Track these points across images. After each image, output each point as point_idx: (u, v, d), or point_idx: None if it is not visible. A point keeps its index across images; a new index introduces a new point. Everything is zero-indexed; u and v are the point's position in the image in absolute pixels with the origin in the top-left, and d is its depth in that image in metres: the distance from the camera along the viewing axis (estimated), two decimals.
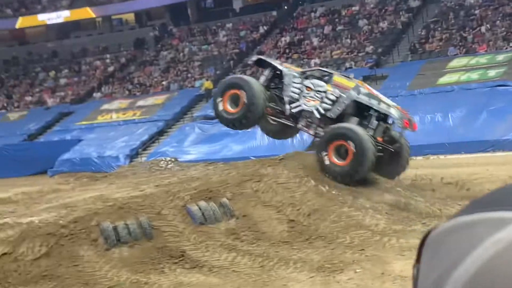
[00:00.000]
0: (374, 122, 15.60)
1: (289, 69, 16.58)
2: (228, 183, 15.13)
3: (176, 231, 13.40)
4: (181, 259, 12.64)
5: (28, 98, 41.30)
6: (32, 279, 12.42)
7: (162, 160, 21.87)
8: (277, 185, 15.11)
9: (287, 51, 36.75)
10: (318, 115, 15.99)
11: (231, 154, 26.24)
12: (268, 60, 17.33)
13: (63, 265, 12.53)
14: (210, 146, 28.12)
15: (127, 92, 38.47)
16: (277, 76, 16.63)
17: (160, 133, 32.27)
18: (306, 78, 16.23)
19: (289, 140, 20.08)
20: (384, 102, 15.84)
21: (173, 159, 21.84)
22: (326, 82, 16.09)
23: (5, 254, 13.01)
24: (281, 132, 17.59)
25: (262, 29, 40.77)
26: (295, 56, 35.81)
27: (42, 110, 38.64)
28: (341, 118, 15.81)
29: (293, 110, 16.12)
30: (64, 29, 48.05)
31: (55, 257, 12.72)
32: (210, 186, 15.00)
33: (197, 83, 36.27)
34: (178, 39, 42.97)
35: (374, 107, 15.63)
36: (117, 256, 12.72)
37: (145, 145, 31.05)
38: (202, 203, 14.09)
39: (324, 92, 15.88)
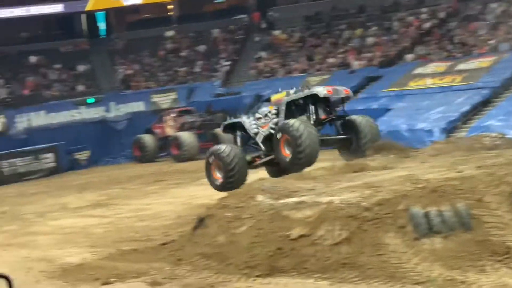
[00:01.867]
0: (311, 108, 20.91)
1: (243, 118, 21.91)
2: None
3: (501, 222, 13.06)
4: (506, 256, 12.33)
5: (331, 60, 42.79)
6: (330, 266, 12.99)
7: (486, 136, 21.40)
8: None
9: None
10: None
11: None
12: (230, 122, 22.48)
13: (365, 253, 12.90)
14: None
15: (445, 54, 38.08)
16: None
17: (485, 103, 31.54)
18: (255, 111, 21.90)
19: None
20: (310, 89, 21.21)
21: (500, 135, 21.26)
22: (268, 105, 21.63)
23: (302, 236, 13.76)
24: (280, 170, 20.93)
25: None
26: None
27: (346, 73, 39.77)
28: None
29: (259, 141, 21.23)
30: None
31: (357, 244, 13.14)
32: None
33: None
34: None
35: (299, 97, 20.97)
36: (428, 248, 12.76)
37: (466, 118, 30.59)
38: None
39: (269, 112, 21.26)
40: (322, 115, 21.07)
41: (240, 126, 21.91)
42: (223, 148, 21.14)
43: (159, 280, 14.07)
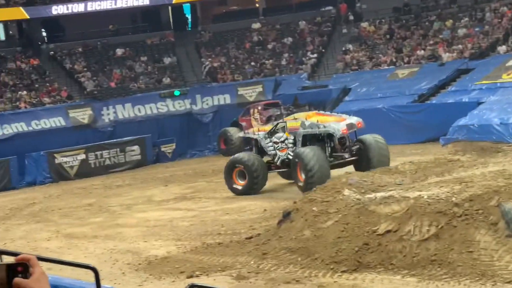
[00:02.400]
0: (326, 142, 24.19)
1: (259, 135, 25.57)
2: None
3: None
4: None
5: (420, 52, 42.28)
6: (418, 263, 12.92)
7: None
8: None
9: None
10: (291, 157, 24.19)
11: None
12: (247, 136, 27.25)
13: (454, 250, 12.78)
14: None
15: None
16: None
17: None
18: (272, 134, 25.05)
19: None
20: (324, 123, 24.07)
21: None
22: (284, 131, 24.86)
23: (389, 231, 13.70)
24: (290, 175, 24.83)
25: None
26: None
27: (435, 66, 39.25)
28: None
29: (278, 162, 24.95)
30: None
31: (446, 240, 13.02)
32: None
33: None
34: None
35: (314, 133, 24.33)
36: None
37: None
38: None
39: (286, 139, 24.70)
40: (338, 149, 24.35)
41: (255, 141, 25.86)
42: (246, 157, 24.97)
43: (244, 274, 14.20)
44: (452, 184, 15.07)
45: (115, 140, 37.76)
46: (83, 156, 35.63)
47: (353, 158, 24.13)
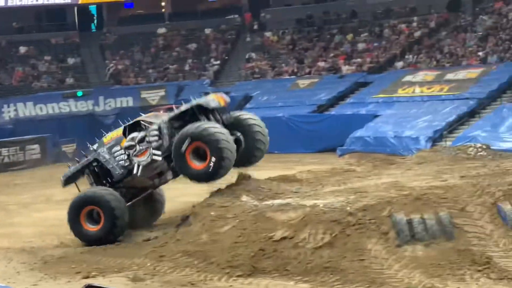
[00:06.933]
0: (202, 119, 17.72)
1: (99, 152, 18.87)
2: None
3: (483, 232, 13.17)
4: (486, 266, 12.43)
5: (321, 64, 42.82)
6: (312, 270, 13.04)
7: (471, 146, 21.54)
8: None
9: None
10: (160, 158, 17.90)
11: None
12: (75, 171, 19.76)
13: (347, 258, 12.97)
14: None
15: (434, 63, 38.22)
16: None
17: (471, 114, 31.66)
18: (117, 144, 18.45)
19: None
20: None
21: (484, 146, 21.41)
22: (140, 130, 18.15)
23: (285, 238, 13.80)
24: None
25: None
26: None
27: (335, 78, 39.80)
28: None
29: (138, 173, 17.99)
30: None
31: (339, 248, 13.20)
32: None
33: None
34: (503, 1, 41.65)
35: (180, 111, 17.96)
36: (410, 255, 12.85)
37: (452, 127, 30.69)
38: None
39: (145, 136, 17.96)
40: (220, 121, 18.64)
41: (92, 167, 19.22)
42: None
43: (140, 276, 14.06)
44: (347, 193, 15.31)
45: (14, 138, 36.90)
46: None
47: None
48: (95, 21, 53.05)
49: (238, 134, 18.02)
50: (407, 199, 13.92)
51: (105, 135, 19.41)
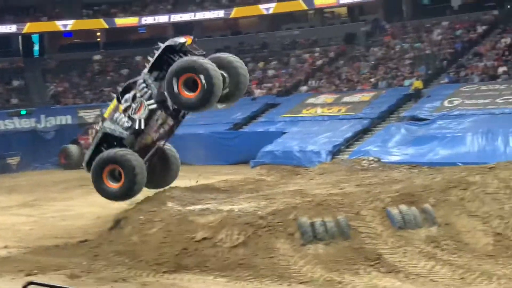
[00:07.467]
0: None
1: (104, 126, 18.07)
2: (432, 189, 14.82)
3: (374, 233, 13.36)
4: (377, 262, 12.60)
5: None
6: (228, 266, 13.01)
7: (365, 159, 21.84)
8: (485, 195, 14.57)
9: (506, 53, 35.11)
10: (155, 105, 17.07)
11: (437, 158, 25.57)
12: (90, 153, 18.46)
13: (259, 256, 12.98)
14: (415, 149, 27.56)
15: (333, 87, 38.75)
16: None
17: (365, 131, 32.15)
18: (116, 111, 17.67)
19: (502, 148, 19.43)
20: None
21: (376, 159, 21.73)
22: (130, 90, 17.46)
23: (205, 238, 13.75)
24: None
25: (480, 29, 39.23)
26: None
27: (249, 100, 39.94)
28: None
29: (142, 127, 17.10)
30: (276, 20, 49.41)
31: (252, 247, 13.21)
32: (413, 190, 14.78)
33: (406, 82, 35.72)
34: (391, 36, 42.58)
35: (154, 58, 17.19)
36: (312, 253, 12.94)
37: (348, 143, 31.08)
38: (403, 207, 13.93)
39: (135, 93, 17.23)
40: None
41: (105, 141, 18.20)
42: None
43: (77, 273, 13.78)
44: (258, 200, 15.36)
45: None
46: None
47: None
48: (38, 48, 52.01)
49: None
50: (310, 204, 14.04)
51: (103, 111, 18.77)
